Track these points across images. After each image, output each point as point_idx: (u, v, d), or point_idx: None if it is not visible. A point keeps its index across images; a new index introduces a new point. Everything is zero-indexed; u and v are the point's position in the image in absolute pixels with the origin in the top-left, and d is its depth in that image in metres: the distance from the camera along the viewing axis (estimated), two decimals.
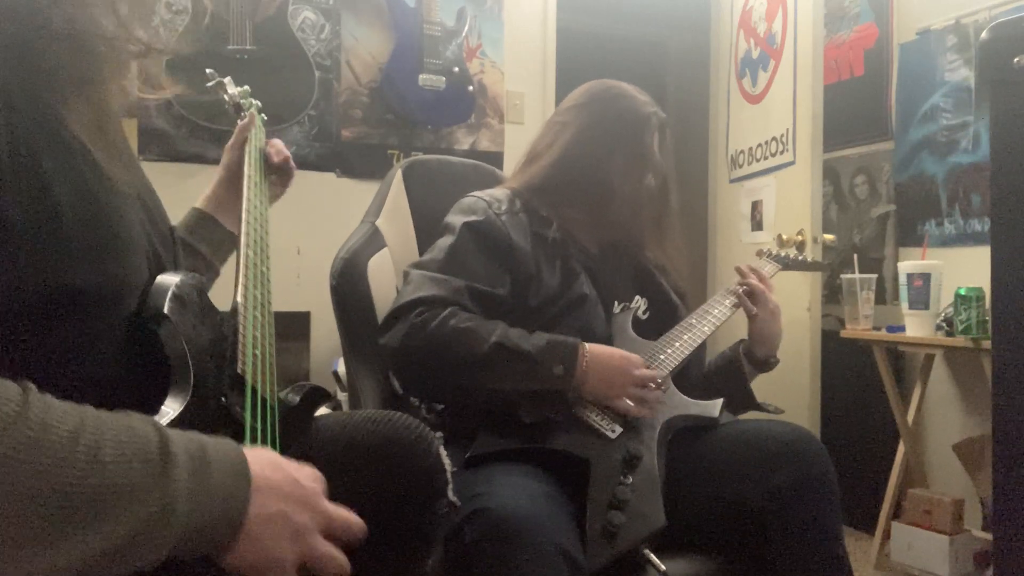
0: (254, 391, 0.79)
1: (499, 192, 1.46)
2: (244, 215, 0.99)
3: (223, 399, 0.75)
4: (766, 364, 1.48)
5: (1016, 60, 0.77)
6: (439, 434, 0.95)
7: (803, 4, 2.50)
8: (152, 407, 0.67)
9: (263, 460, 0.66)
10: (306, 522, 0.66)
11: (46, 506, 0.49)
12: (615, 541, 1.08)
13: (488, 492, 1.05)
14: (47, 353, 0.61)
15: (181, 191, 1.19)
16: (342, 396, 2.26)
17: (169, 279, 0.72)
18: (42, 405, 0.52)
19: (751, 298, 1.46)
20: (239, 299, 0.88)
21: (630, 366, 1.26)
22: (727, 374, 1.49)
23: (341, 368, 2.17)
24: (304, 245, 2.45)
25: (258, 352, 0.84)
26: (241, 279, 0.91)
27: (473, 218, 1.38)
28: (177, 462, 0.57)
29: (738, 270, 1.53)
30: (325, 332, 2.40)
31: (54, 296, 0.60)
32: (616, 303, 1.44)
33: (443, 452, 0.93)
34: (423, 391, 1.37)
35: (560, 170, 1.44)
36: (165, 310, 0.69)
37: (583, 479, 1.16)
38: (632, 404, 1.23)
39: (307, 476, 0.69)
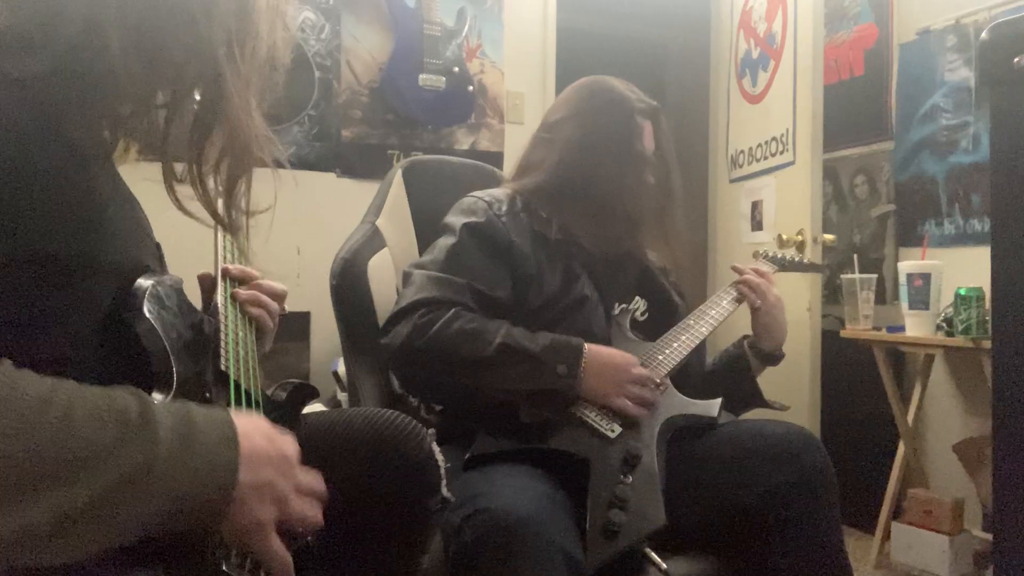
0: (237, 386, 0.80)
1: (499, 192, 1.45)
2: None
3: (207, 395, 0.75)
4: (772, 357, 1.48)
5: (1016, 60, 0.77)
6: (431, 431, 0.95)
7: (803, 4, 2.50)
8: None
9: (252, 428, 0.66)
10: (287, 488, 0.67)
11: (17, 466, 0.50)
12: (616, 539, 1.08)
13: (488, 492, 1.05)
14: (20, 321, 0.61)
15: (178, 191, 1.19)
16: (342, 396, 2.26)
17: (146, 281, 0.73)
18: (12, 373, 0.53)
19: (751, 292, 1.47)
20: (218, 298, 0.88)
21: (628, 365, 1.26)
22: (732, 370, 1.49)
23: (341, 368, 2.17)
24: (304, 245, 2.45)
25: (241, 350, 0.84)
26: (220, 281, 0.91)
27: (473, 219, 1.38)
28: (158, 423, 0.57)
29: (735, 268, 1.54)
30: (325, 332, 2.40)
31: (24, 262, 0.61)
32: (616, 304, 1.44)
33: (436, 448, 0.93)
34: (424, 391, 1.37)
35: (554, 183, 1.43)
36: (144, 310, 0.70)
37: (583, 479, 1.16)
38: (630, 403, 1.24)
39: (289, 444, 0.70)
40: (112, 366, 0.68)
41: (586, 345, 1.26)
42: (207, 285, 0.96)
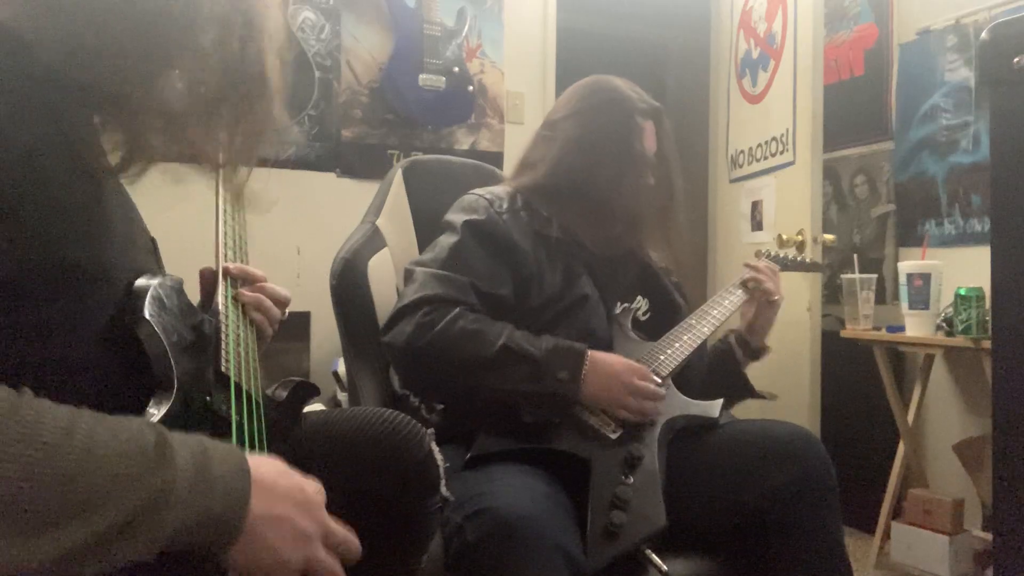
0: (238, 387, 0.80)
1: (500, 190, 1.45)
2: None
3: (208, 397, 0.75)
4: (759, 352, 1.50)
5: (1016, 60, 0.77)
6: (431, 430, 0.95)
7: (803, 4, 2.50)
8: (138, 404, 0.68)
9: (267, 464, 0.67)
10: (310, 529, 0.67)
11: (40, 497, 0.51)
12: (617, 541, 1.08)
13: (489, 492, 1.05)
14: (29, 330, 0.61)
15: (175, 192, 1.18)
16: (342, 396, 2.26)
17: (147, 282, 0.73)
18: (35, 404, 0.53)
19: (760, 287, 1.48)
20: (219, 299, 0.88)
21: (630, 375, 1.25)
22: (721, 366, 1.50)
23: (341, 368, 2.17)
24: (304, 245, 2.45)
25: (242, 351, 0.84)
26: (221, 281, 0.91)
27: (474, 217, 1.37)
28: (175, 454, 0.58)
29: (748, 265, 1.55)
30: (325, 332, 2.40)
31: (33, 272, 0.61)
32: (618, 303, 1.44)
33: (435, 447, 0.93)
34: (426, 390, 1.37)
35: (553, 181, 1.43)
36: (145, 313, 0.70)
37: (584, 479, 1.16)
38: (631, 414, 1.23)
39: (311, 486, 0.70)
40: (115, 368, 0.68)
41: (589, 351, 1.26)
42: (208, 281, 0.95)
